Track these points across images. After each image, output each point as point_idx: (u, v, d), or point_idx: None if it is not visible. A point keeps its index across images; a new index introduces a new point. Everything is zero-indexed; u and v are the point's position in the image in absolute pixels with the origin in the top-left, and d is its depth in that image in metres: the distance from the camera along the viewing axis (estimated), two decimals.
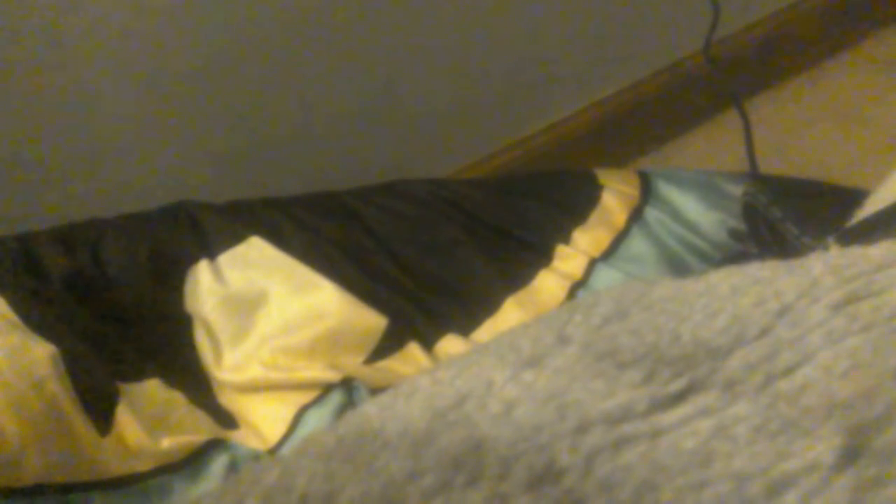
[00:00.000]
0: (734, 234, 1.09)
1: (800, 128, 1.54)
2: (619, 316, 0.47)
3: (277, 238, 1.13)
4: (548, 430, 0.41)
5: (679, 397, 0.42)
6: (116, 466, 0.97)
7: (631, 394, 0.42)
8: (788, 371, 0.43)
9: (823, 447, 0.39)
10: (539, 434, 0.41)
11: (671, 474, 0.39)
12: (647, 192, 1.18)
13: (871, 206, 0.70)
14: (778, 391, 0.42)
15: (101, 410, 0.99)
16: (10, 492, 0.91)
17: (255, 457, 1.00)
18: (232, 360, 1.07)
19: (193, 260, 1.12)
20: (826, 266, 0.48)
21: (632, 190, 1.18)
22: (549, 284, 1.12)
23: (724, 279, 0.49)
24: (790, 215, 0.92)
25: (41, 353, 0.97)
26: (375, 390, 1.02)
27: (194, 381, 1.07)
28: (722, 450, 0.39)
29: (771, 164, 1.15)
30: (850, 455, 0.39)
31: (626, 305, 0.48)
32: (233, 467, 0.98)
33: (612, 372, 0.44)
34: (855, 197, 0.75)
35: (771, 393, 0.42)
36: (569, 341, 0.47)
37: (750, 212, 1.03)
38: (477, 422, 0.43)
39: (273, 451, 1.01)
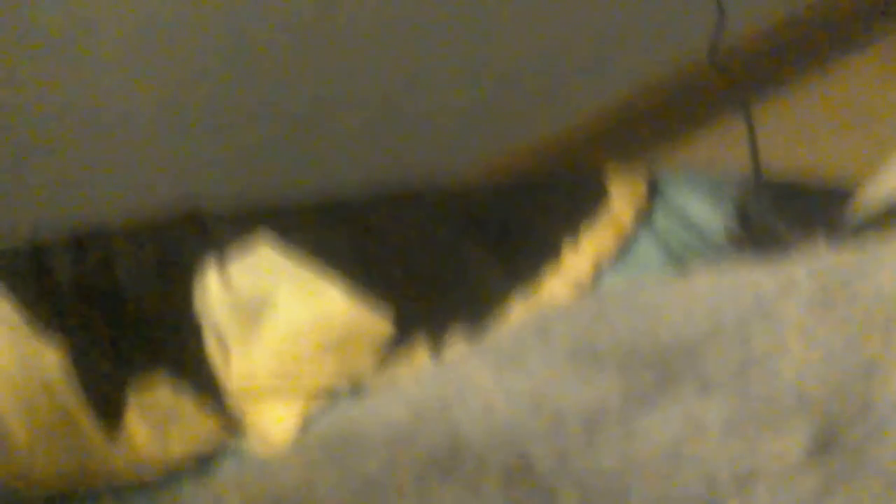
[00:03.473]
0: (730, 235, 1.08)
1: (807, 131, 1.53)
2: (599, 317, 0.47)
3: (285, 243, 1.13)
4: (524, 427, 0.42)
5: (653, 392, 0.42)
6: (126, 470, 0.97)
7: (606, 390, 0.42)
8: (762, 365, 0.43)
9: (793, 441, 0.39)
10: (515, 430, 0.42)
11: (642, 469, 0.39)
12: (654, 194, 1.17)
13: (863, 203, 0.70)
14: (750, 385, 0.42)
15: (110, 415, 0.99)
16: (20, 498, 0.92)
17: None
18: (240, 365, 1.07)
19: (202, 265, 1.11)
20: (804, 263, 0.48)
21: (639, 192, 1.18)
22: (556, 287, 1.11)
23: (703, 277, 0.49)
24: (785, 216, 0.92)
25: (51, 357, 0.98)
26: None
27: (203, 386, 1.07)
28: (692, 443, 0.39)
29: (778, 168, 1.15)
30: (820, 449, 0.39)
31: (607, 306, 0.48)
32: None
33: (590, 370, 0.44)
34: (854, 194, 0.75)
35: (743, 387, 0.42)
36: (549, 340, 0.47)
37: (742, 213, 1.03)
38: (456, 419, 0.43)
39: None
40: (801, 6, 1.64)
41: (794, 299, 0.46)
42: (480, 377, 0.46)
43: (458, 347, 1.06)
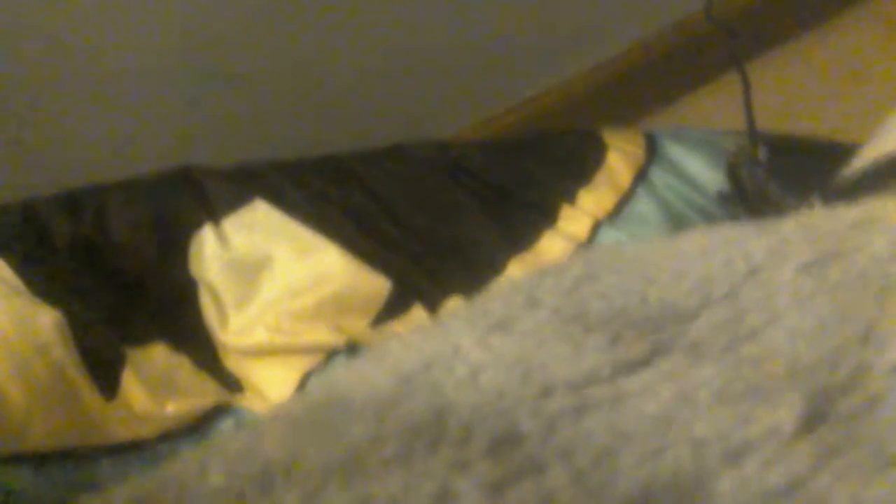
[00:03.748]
0: (722, 196, 1.07)
1: (806, 87, 1.53)
2: (589, 279, 0.47)
3: (281, 201, 1.12)
4: (511, 395, 0.41)
5: (643, 361, 0.41)
6: (122, 431, 0.97)
7: (595, 358, 0.42)
8: (754, 334, 0.42)
9: (785, 413, 0.38)
10: (502, 399, 0.41)
11: (631, 440, 0.38)
12: (652, 152, 1.17)
13: (859, 163, 0.69)
14: (742, 354, 0.41)
15: (106, 375, 0.99)
16: (15, 458, 0.92)
17: None
18: (237, 325, 1.07)
19: (198, 224, 1.11)
20: (797, 226, 0.47)
21: (637, 150, 1.17)
22: (553, 246, 1.11)
23: (694, 240, 0.48)
24: (780, 175, 0.91)
25: (46, 318, 0.97)
26: None
27: (200, 346, 1.07)
28: (682, 415, 0.39)
29: (776, 124, 1.14)
30: (813, 420, 0.38)
31: (597, 268, 0.47)
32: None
33: (579, 336, 0.43)
34: (851, 153, 0.74)
35: (735, 356, 0.41)
36: (538, 305, 0.46)
37: (734, 173, 1.02)
38: (442, 387, 0.43)
39: None
40: None
41: (786, 263, 0.45)
42: (467, 343, 0.45)
43: (451, 309, 1.06)
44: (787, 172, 0.99)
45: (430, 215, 1.14)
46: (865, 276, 0.44)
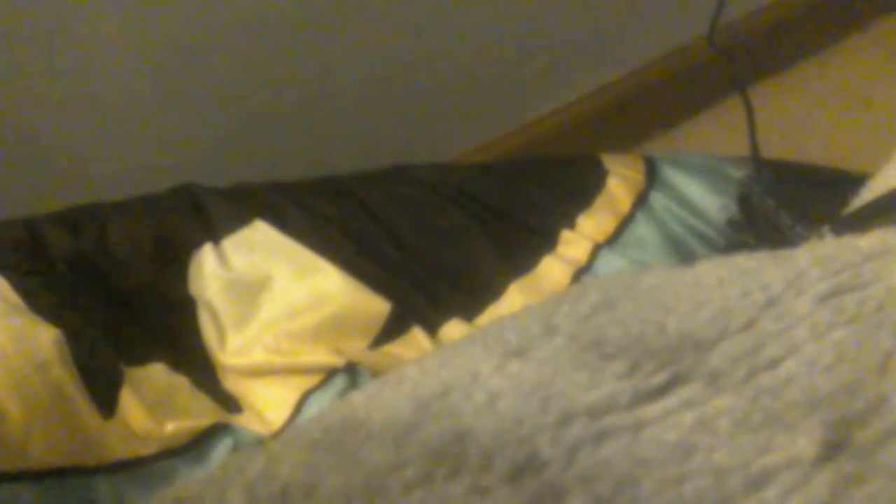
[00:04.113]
0: (732, 224, 1.08)
1: (807, 113, 1.53)
2: (606, 306, 0.47)
3: (282, 222, 1.12)
4: (531, 422, 0.41)
5: (662, 390, 0.42)
6: (120, 450, 0.97)
7: (615, 386, 0.42)
8: (772, 364, 0.43)
9: (804, 442, 0.39)
10: (522, 426, 0.41)
11: (651, 468, 0.38)
12: (652, 176, 1.17)
13: (869, 194, 0.69)
14: (761, 384, 0.42)
15: (105, 394, 0.99)
16: (14, 476, 0.92)
17: (259, 441, 1.00)
18: (236, 344, 1.07)
19: (198, 243, 1.11)
20: (813, 257, 0.48)
21: (637, 175, 1.18)
22: (553, 270, 1.11)
23: (711, 270, 0.49)
24: (787, 204, 0.92)
25: (45, 336, 0.97)
26: (379, 375, 1.01)
27: (198, 365, 1.07)
28: (703, 443, 0.39)
29: (777, 150, 1.15)
30: (831, 450, 0.38)
31: (614, 296, 0.48)
32: (236, 451, 0.98)
33: (597, 363, 0.43)
34: (857, 182, 0.75)
35: (754, 386, 0.41)
36: (555, 332, 0.46)
37: (745, 201, 1.03)
38: (461, 413, 0.43)
39: (276, 435, 1.01)
40: None
41: (803, 295, 0.45)
42: (485, 369, 0.45)
43: (457, 333, 1.06)
44: (792, 201, 1.00)
45: (430, 237, 1.14)
46: (882, 308, 0.44)
